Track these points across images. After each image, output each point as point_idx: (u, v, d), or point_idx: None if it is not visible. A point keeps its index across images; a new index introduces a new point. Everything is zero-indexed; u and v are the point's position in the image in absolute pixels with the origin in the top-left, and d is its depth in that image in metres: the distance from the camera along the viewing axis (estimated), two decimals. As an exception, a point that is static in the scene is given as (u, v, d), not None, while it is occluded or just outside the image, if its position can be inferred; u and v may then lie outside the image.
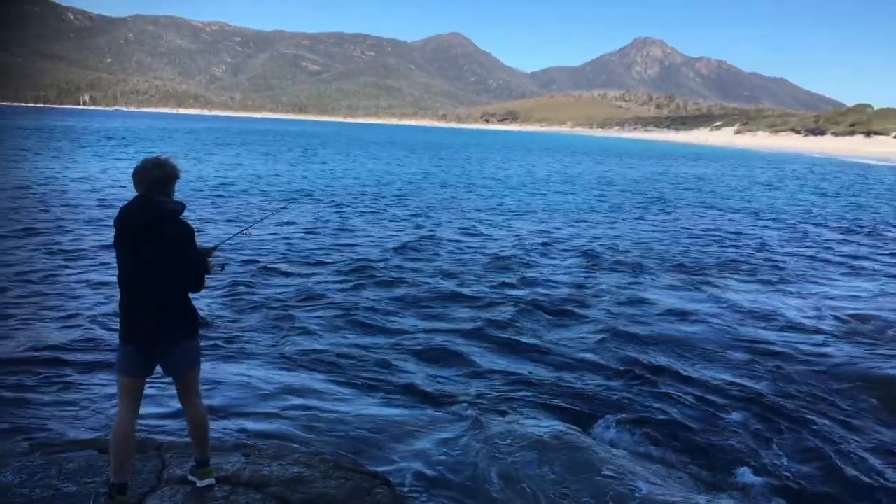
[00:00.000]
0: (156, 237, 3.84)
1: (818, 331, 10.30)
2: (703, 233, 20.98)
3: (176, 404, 6.53)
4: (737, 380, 8.26)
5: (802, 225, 23.83)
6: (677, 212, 26.73)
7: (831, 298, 12.59)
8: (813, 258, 17.04)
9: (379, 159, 56.18)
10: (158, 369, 4.10)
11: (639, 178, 45.83)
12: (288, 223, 19.25)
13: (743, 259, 16.47)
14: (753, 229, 22.21)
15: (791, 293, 12.96)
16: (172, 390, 6.77)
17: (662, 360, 8.85)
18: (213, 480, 4.24)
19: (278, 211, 15.84)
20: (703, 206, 29.44)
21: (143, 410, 6.45)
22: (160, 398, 6.52)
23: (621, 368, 8.55)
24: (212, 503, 4.02)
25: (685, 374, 8.40)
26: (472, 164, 54.98)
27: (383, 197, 27.77)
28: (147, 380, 4.09)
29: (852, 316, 11.15)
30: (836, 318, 11.06)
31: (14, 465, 4.35)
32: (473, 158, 65.05)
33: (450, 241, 17.63)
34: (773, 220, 25.12)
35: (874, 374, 8.43)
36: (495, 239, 18.26)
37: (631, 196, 32.94)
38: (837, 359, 9.03)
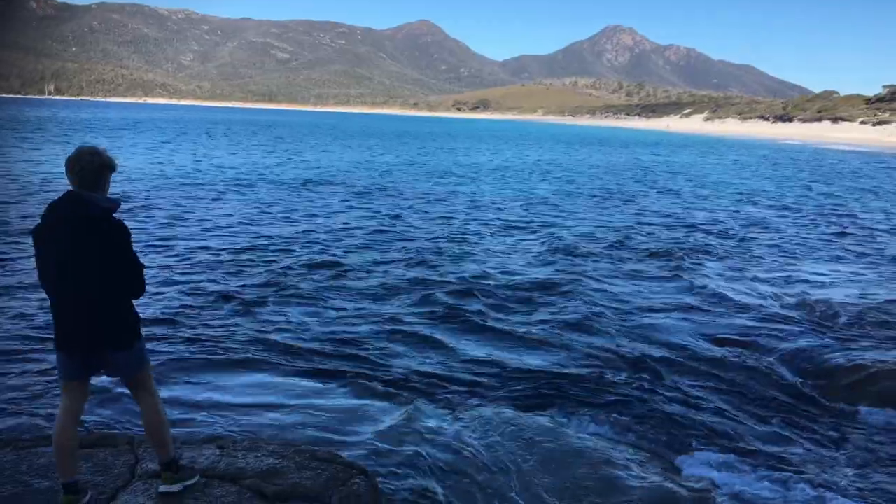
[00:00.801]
0: (88, 236, 3.57)
1: (782, 318, 10.48)
2: (671, 219, 21.20)
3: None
4: (703, 366, 8.41)
5: (770, 210, 24.19)
6: (645, 198, 26.95)
7: (792, 283, 12.82)
8: (773, 244, 17.31)
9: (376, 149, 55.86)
10: None
11: (609, 165, 46.09)
12: (256, 209, 19.10)
13: (710, 244, 16.67)
14: (722, 215, 22.48)
15: (751, 278, 13.15)
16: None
17: (630, 348, 8.95)
18: (179, 487, 4.01)
19: None
20: (669, 192, 29.73)
21: (113, 405, 6.46)
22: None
23: (590, 356, 8.64)
24: (186, 498, 3.99)
25: (654, 360, 8.52)
26: (447, 154, 54.86)
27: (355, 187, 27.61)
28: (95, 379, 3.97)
29: (815, 302, 11.34)
30: (798, 304, 11.26)
31: (-17, 462, 4.28)
32: (446, 148, 64.85)
33: (418, 229, 17.61)
34: (742, 203, 25.45)
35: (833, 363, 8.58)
36: (465, 226, 18.27)
37: (601, 183, 33.12)
38: (801, 345, 9.21)
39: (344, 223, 18.12)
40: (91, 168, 3.65)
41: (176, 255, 13.38)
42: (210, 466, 4.39)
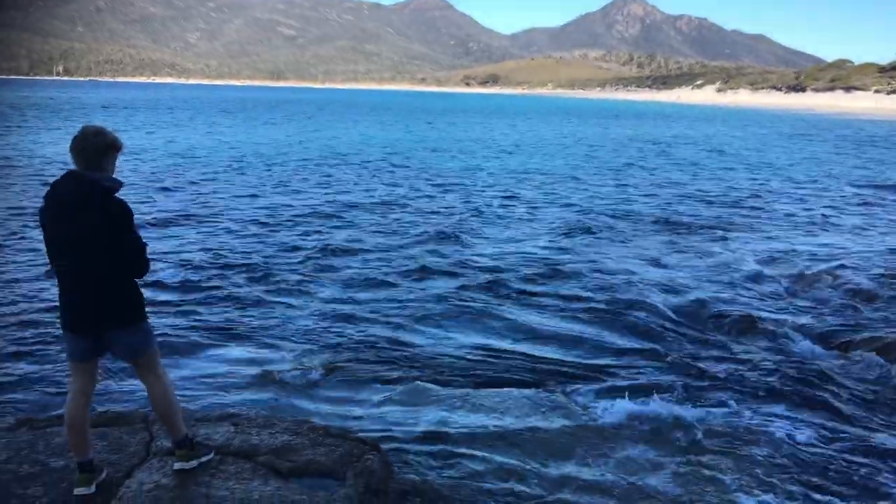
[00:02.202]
0: (89, 216, 3.53)
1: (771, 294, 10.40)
2: (685, 193, 21.05)
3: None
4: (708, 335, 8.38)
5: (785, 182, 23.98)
6: (656, 173, 26.76)
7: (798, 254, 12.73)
8: (790, 214, 17.17)
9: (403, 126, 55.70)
10: None
11: (622, 139, 45.75)
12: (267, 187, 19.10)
13: (724, 217, 16.56)
14: (741, 186, 22.30)
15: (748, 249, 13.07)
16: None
17: (634, 326, 8.92)
18: (194, 463, 4.03)
19: None
20: (685, 165, 29.49)
21: (128, 382, 6.50)
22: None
23: (595, 336, 8.62)
24: (201, 474, 4.01)
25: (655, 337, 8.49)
26: (460, 130, 54.63)
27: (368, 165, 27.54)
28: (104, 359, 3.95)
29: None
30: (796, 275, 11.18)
31: (0, 441, 4.32)
32: (460, 124, 64.52)
33: (422, 208, 17.58)
34: (758, 176, 25.23)
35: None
36: (471, 203, 18.20)
37: (613, 157, 32.90)
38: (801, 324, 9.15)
39: (371, 197, 18.10)
40: (95, 148, 3.61)
41: (203, 229, 13.48)
42: (225, 443, 4.41)
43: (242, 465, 4.17)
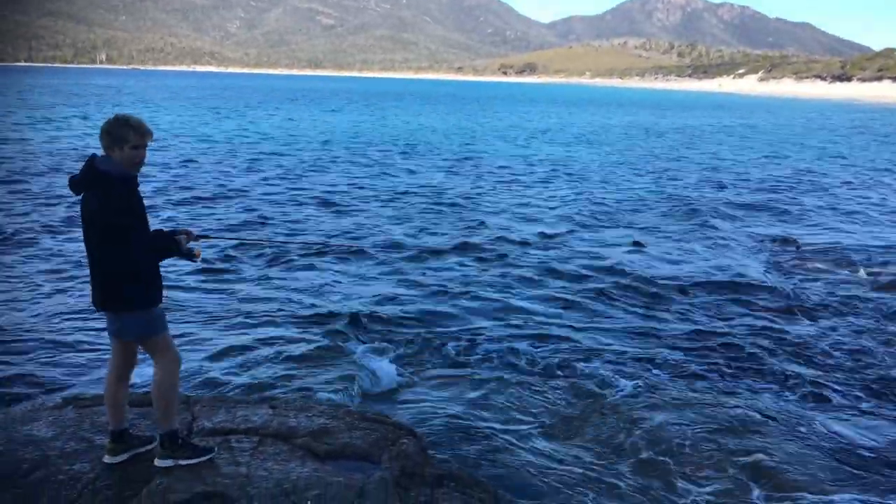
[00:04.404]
0: (90, 198, 3.66)
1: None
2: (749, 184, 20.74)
3: (194, 359, 6.67)
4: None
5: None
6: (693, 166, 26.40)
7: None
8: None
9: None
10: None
11: (670, 130, 45.15)
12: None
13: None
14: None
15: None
16: (190, 346, 6.92)
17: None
18: (168, 462, 3.87)
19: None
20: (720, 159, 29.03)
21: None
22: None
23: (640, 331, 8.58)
24: (240, 454, 4.08)
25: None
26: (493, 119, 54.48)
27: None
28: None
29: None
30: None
31: (47, 419, 4.44)
32: (519, 112, 64.31)
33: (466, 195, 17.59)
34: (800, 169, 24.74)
35: None
36: (515, 193, 18.17)
37: (657, 149, 32.51)
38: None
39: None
40: (110, 134, 3.68)
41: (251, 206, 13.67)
42: (263, 425, 4.48)
43: (280, 447, 4.23)
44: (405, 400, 6.23)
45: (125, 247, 3.68)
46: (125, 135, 3.67)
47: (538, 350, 7.55)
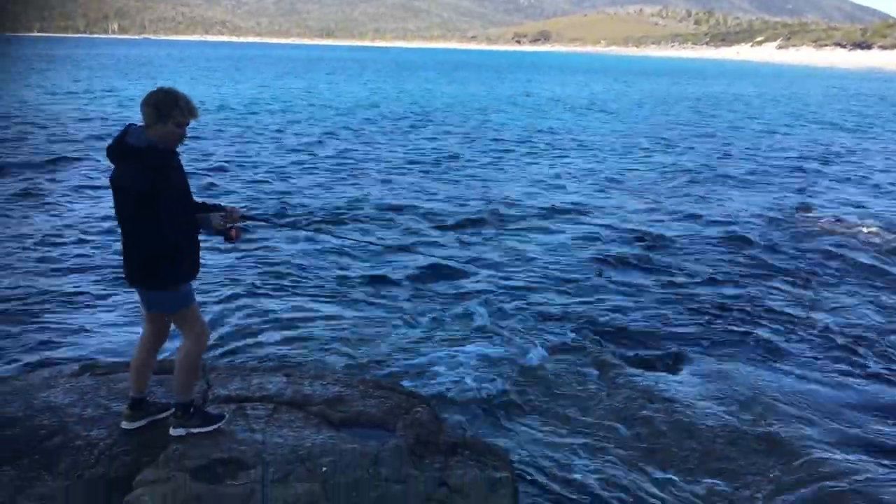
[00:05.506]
0: (121, 170, 3.58)
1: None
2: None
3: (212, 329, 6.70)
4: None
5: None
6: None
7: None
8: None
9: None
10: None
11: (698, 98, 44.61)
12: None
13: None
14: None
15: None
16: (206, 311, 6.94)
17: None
18: (181, 431, 3.89)
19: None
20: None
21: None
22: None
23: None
24: (255, 422, 4.11)
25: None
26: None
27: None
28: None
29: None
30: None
31: (64, 386, 4.47)
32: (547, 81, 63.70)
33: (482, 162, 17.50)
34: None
35: None
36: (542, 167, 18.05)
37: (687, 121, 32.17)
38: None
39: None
40: (157, 109, 3.55)
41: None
42: (278, 393, 4.50)
43: (295, 415, 4.25)
44: (420, 369, 6.24)
45: (153, 222, 3.57)
46: (171, 111, 3.55)
47: (552, 319, 7.53)
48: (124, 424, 3.97)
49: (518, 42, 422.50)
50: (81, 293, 7.86)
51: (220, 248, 9.19)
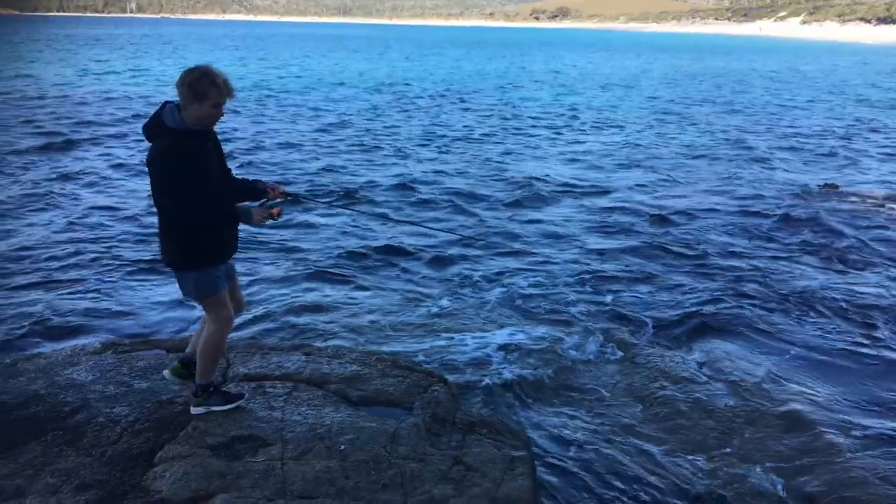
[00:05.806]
0: (153, 148, 3.53)
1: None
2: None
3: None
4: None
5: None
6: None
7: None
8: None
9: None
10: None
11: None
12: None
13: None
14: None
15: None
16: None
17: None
18: (201, 410, 3.92)
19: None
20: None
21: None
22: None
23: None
24: (274, 399, 4.15)
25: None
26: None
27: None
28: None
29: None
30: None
31: (87, 364, 4.53)
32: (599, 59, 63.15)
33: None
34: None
35: None
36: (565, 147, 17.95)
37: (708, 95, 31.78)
38: None
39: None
40: (192, 88, 3.47)
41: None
42: (297, 371, 4.54)
43: (314, 393, 4.28)
44: (438, 349, 6.24)
45: (179, 203, 3.50)
46: (207, 91, 3.45)
47: (571, 300, 7.50)
48: (166, 373, 4.12)
49: (537, 19, 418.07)
50: (120, 268, 7.98)
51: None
